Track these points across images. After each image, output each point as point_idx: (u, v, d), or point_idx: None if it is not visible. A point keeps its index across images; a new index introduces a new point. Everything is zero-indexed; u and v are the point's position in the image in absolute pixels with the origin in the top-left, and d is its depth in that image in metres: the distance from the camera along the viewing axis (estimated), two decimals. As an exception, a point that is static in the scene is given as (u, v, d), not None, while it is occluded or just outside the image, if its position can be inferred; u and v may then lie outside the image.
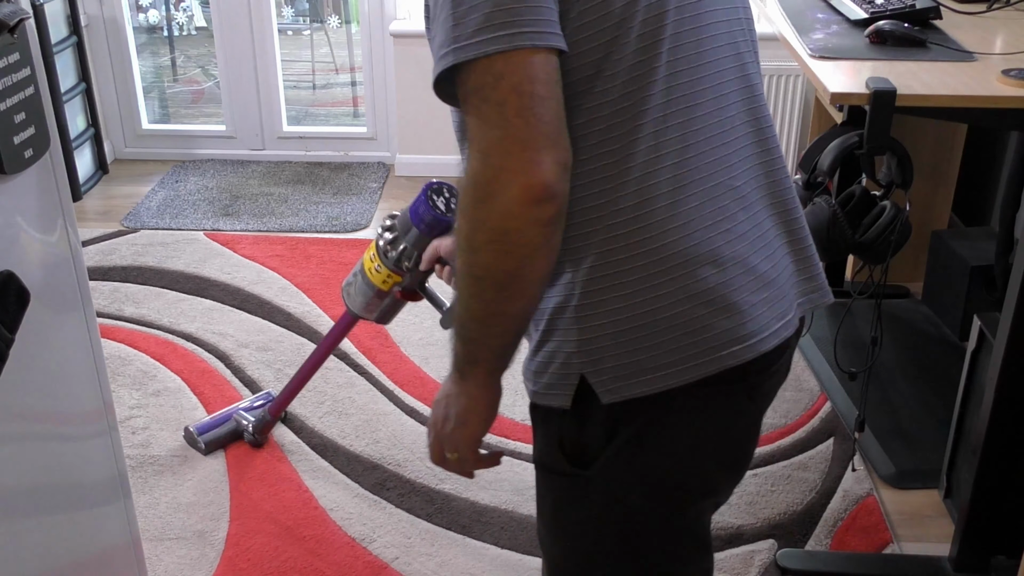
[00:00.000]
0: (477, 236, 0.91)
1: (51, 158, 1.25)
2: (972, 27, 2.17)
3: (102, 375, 1.41)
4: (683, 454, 1.05)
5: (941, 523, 2.11)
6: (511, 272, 0.92)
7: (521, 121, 0.86)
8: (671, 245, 0.97)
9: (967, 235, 2.80)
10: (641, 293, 0.98)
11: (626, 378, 0.99)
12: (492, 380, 1.03)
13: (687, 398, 1.00)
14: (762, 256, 1.03)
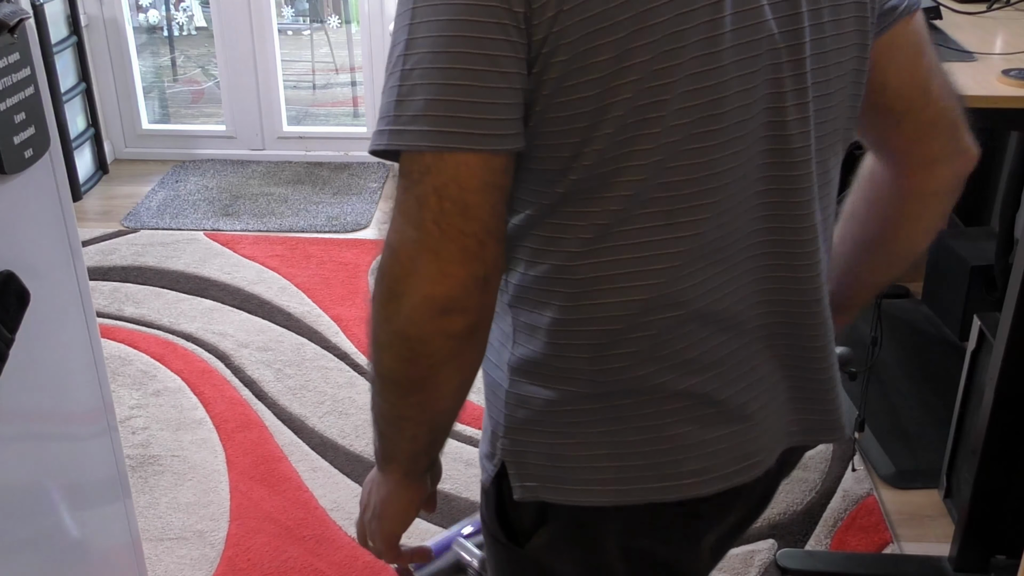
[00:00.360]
0: (381, 335, 0.84)
1: (51, 158, 1.25)
2: (972, 27, 2.17)
3: (102, 375, 1.41)
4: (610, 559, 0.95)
5: (941, 523, 2.11)
6: (415, 380, 0.84)
7: (437, 230, 0.77)
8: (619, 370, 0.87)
9: (967, 235, 2.80)
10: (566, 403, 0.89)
11: (540, 481, 0.91)
12: (409, 480, 0.96)
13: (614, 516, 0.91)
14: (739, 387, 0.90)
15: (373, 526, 1.00)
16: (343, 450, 2.33)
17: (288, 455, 2.31)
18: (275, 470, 2.26)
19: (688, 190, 0.81)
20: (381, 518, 0.99)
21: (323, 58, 5.07)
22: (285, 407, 2.48)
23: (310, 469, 2.27)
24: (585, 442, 0.89)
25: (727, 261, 0.85)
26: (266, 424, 2.42)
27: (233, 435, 2.38)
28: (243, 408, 2.48)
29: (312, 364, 2.67)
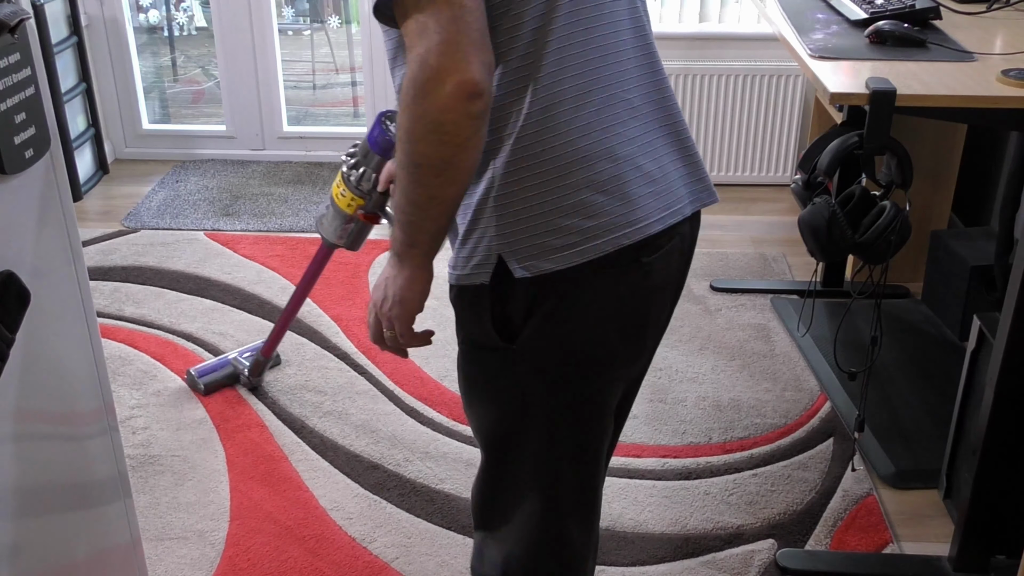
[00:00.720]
0: (417, 128, 1.04)
1: (51, 158, 1.25)
2: (972, 27, 2.17)
3: (102, 375, 1.41)
4: (590, 325, 1.20)
5: (941, 523, 2.11)
6: (447, 159, 1.06)
7: (454, 28, 1.00)
8: (572, 143, 1.14)
9: (967, 235, 2.80)
10: (548, 184, 1.14)
11: (536, 257, 1.15)
12: (427, 262, 1.18)
13: (590, 276, 1.17)
14: (650, 158, 1.21)
15: (395, 312, 1.21)
16: (343, 450, 2.33)
17: (288, 455, 2.31)
18: (275, 470, 2.26)
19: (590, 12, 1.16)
20: (402, 302, 1.20)
21: (323, 58, 5.06)
22: (285, 407, 2.48)
23: (310, 469, 2.27)
24: (564, 214, 1.14)
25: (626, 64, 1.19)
26: (266, 424, 2.42)
27: (233, 435, 2.38)
28: (243, 408, 2.48)
29: (312, 364, 2.67)
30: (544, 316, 1.18)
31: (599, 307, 1.20)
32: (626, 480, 2.23)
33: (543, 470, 1.30)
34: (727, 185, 3.83)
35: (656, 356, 2.67)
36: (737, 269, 3.18)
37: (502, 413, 1.28)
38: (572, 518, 1.34)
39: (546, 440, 1.28)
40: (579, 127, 1.15)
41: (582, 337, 1.21)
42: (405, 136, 1.06)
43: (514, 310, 1.19)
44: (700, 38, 3.68)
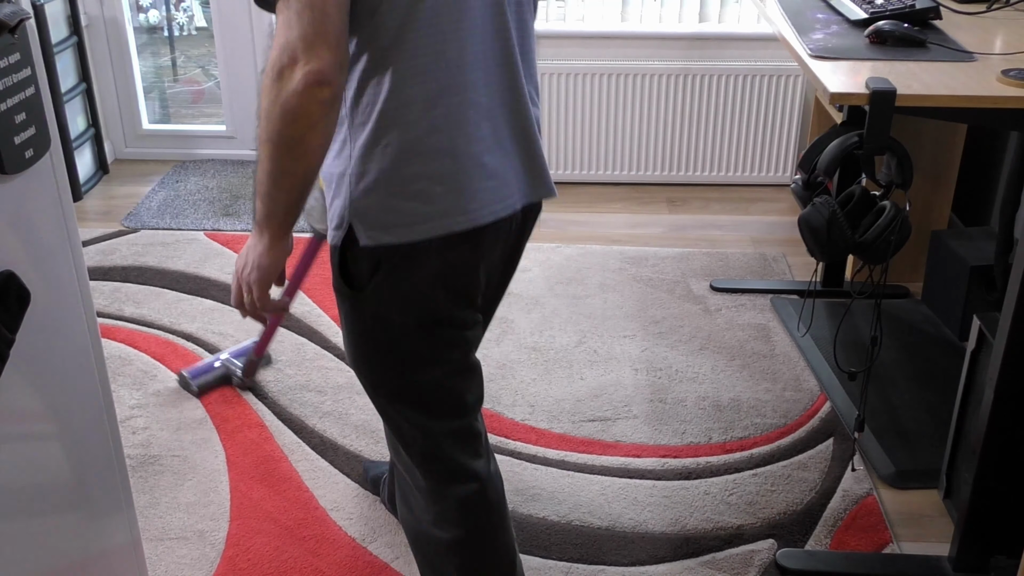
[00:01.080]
0: (273, 109, 1.19)
1: (51, 158, 1.25)
2: (972, 27, 2.17)
3: (102, 375, 1.41)
4: (422, 286, 1.40)
5: (941, 523, 2.11)
6: (296, 138, 1.21)
7: (311, 28, 1.16)
8: (419, 139, 1.31)
9: (967, 235, 2.80)
10: (394, 170, 1.32)
11: (378, 229, 1.34)
12: (282, 232, 1.32)
13: (423, 251, 1.36)
14: (496, 156, 1.37)
15: (253, 276, 1.35)
16: (343, 450, 2.33)
17: (288, 455, 2.31)
18: (275, 470, 2.26)
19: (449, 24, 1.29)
20: (259, 267, 1.34)
21: (323, 58, 5.06)
22: (285, 407, 2.48)
23: (310, 469, 2.27)
24: (405, 197, 1.33)
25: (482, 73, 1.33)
26: (266, 424, 2.42)
27: (233, 435, 2.38)
28: (243, 408, 2.48)
29: (312, 364, 2.67)
30: (384, 275, 1.38)
31: (430, 275, 1.40)
32: (626, 480, 2.23)
33: (397, 398, 1.51)
34: (727, 185, 3.83)
35: (656, 356, 2.68)
36: (737, 269, 3.18)
37: (359, 351, 1.49)
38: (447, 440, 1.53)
39: (396, 381, 1.49)
40: (425, 126, 1.31)
41: (416, 295, 1.41)
42: (263, 115, 1.21)
43: (361, 268, 1.39)
44: (700, 38, 3.68)
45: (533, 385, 2.58)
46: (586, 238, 3.42)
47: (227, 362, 2.57)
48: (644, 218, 3.58)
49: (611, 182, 3.85)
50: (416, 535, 1.62)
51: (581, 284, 3.09)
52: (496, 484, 1.59)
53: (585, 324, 2.87)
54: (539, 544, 2.04)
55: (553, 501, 2.17)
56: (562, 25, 3.75)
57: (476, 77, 1.33)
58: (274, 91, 1.18)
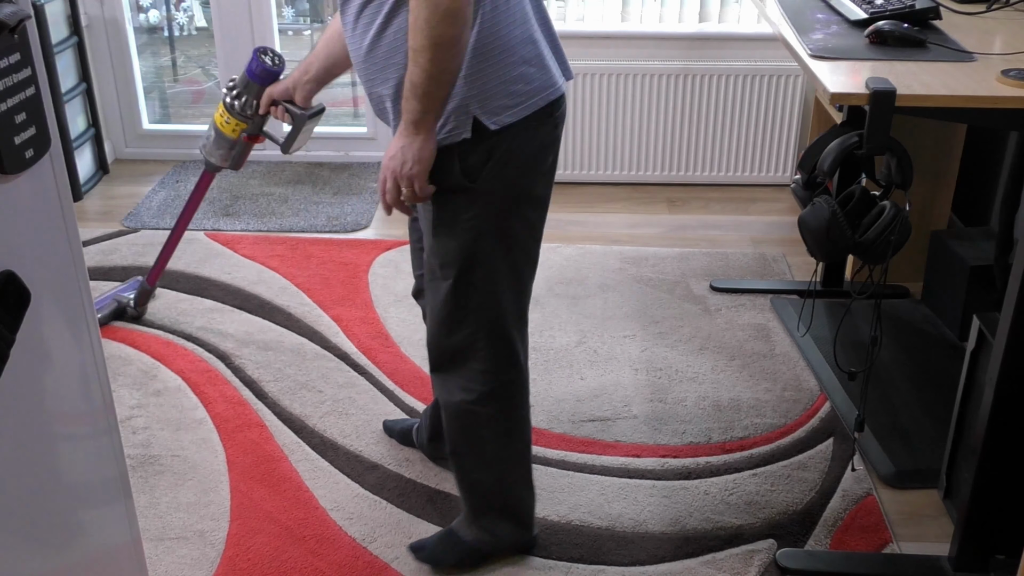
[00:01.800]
0: (434, 14, 1.45)
1: (52, 158, 1.25)
2: (972, 27, 2.18)
3: (102, 375, 1.41)
4: (525, 167, 1.69)
5: (941, 523, 2.11)
6: (455, 37, 1.48)
7: None
8: (511, 32, 1.61)
9: (966, 235, 2.80)
10: (501, 61, 1.60)
11: (499, 113, 1.62)
12: (435, 126, 1.58)
13: (525, 129, 1.65)
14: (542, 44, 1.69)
15: (415, 170, 1.59)
16: (343, 450, 2.33)
17: (288, 455, 2.31)
18: (275, 470, 2.26)
19: None
20: (420, 160, 1.59)
21: (323, 58, 5.06)
22: (285, 407, 2.48)
23: (310, 469, 2.27)
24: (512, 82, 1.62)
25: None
26: (266, 424, 2.42)
27: (233, 435, 2.38)
28: (243, 408, 2.48)
29: (312, 364, 2.67)
30: (495, 163, 1.64)
31: (531, 153, 1.69)
32: (626, 480, 2.23)
33: (489, 290, 1.75)
34: (727, 185, 3.83)
35: (656, 356, 2.68)
36: (737, 269, 3.18)
37: (461, 242, 1.70)
38: (514, 327, 1.81)
39: (493, 262, 1.73)
40: (511, 20, 1.61)
41: (520, 179, 1.70)
42: (424, 24, 1.46)
43: (476, 159, 1.64)
44: (700, 38, 3.68)
45: (533, 385, 2.57)
46: (586, 238, 3.42)
47: (116, 296, 2.77)
48: (644, 218, 3.58)
49: (611, 182, 3.85)
50: (457, 411, 1.88)
51: (581, 284, 3.09)
52: (527, 371, 1.91)
53: (585, 324, 2.87)
54: (539, 544, 2.04)
55: (553, 501, 2.17)
56: (562, 25, 3.75)
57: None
58: (434, 0, 1.44)
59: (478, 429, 1.89)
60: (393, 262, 3.20)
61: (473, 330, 1.79)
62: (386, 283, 3.08)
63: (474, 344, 1.80)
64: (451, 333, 1.81)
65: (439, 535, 2.04)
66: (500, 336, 1.80)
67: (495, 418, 1.87)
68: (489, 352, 1.81)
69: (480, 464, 1.94)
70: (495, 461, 1.93)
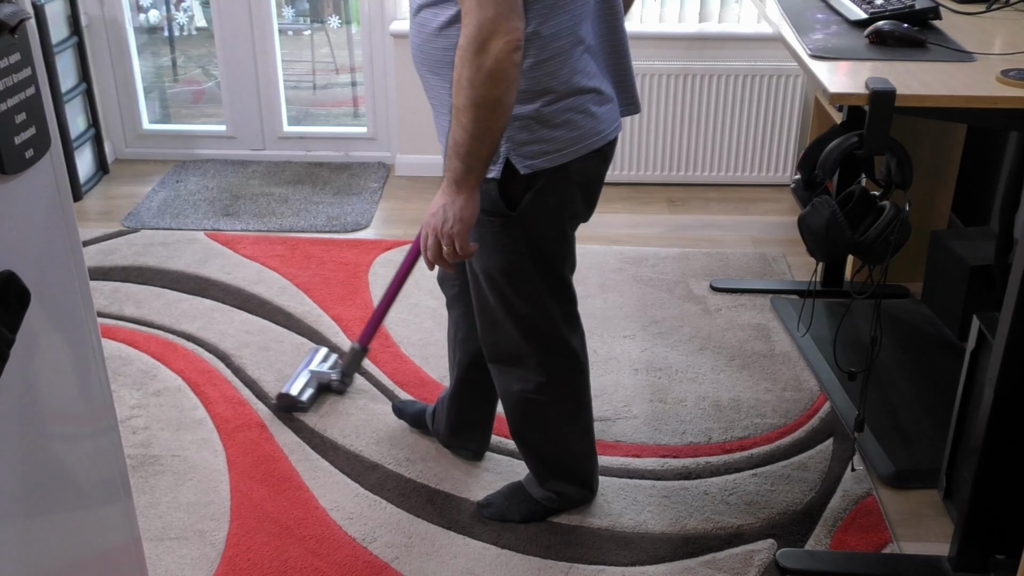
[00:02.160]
0: (477, 76, 1.45)
1: (52, 158, 1.25)
2: (971, 27, 2.18)
3: (102, 375, 1.41)
4: (566, 198, 1.75)
5: (941, 523, 2.11)
6: (499, 98, 1.47)
7: (505, 5, 1.43)
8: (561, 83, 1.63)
9: (966, 235, 2.80)
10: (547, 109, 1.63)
11: (534, 158, 1.66)
12: (478, 185, 1.60)
13: (571, 166, 1.70)
14: (604, 86, 1.72)
15: (456, 228, 1.61)
16: (343, 450, 2.33)
17: (288, 455, 2.31)
18: (275, 470, 2.26)
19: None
20: (462, 220, 1.61)
21: (323, 58, 5.06)
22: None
23: (310, 469, 2.27)
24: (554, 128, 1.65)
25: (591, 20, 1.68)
26: (266, 424, 2.42)
27: (233, 435, 2.38)
28: (243, 408, 2.48)
29: (312, 364, 2.67)
30: (536, 192, 1.70)
31: (573, 188, 1.74)
32: (626, 480, 2.23)
33: (535, 295, 1.82)
34: (727, 185, 3.83)
35: (656, 356, 2.68)
36: (737, 269, 3.18)
37: (503, 261, 1.77)
38: (563, 324, 1.89)
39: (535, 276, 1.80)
40: (565, 72, 1.63)
41: (561, 205, 1.75)
42: (467, 83, 1.46)
43: (515, 190, 1.69)
44: (700, 38, 3.68)
45: (533, 385, 2.58)
46: (586, 238, 3.42)
47: (317, 374, 2.52)
48: (644, 218, 3.58)
49: (611, 182, 3.85)
50: (518, 401, 1.96)
51: (581, 284, 3.09)
52: (585, 353, 1.98)
53: (585, 324, 2.85)
54: (539, 544, 2.05)
55: (553, 501, 2.17)
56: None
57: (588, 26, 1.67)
58: (477, 61, 1.44)
59: (539, 415, 1.98)
60: (393, 262, 3.20)
61: (524, 334, 1.87)
62: (386, 283, 3.08)
63: (526, 345, 1.88)
64: (502, 337, 1.89)
65: (507, 491, 2.14)
66: (550, 335, 1.89)
67: (555, 403, 1.96)
68: (541, 349, 1.89)
69: (544, 441, 2.03)
70: (558, 438, 2.02)
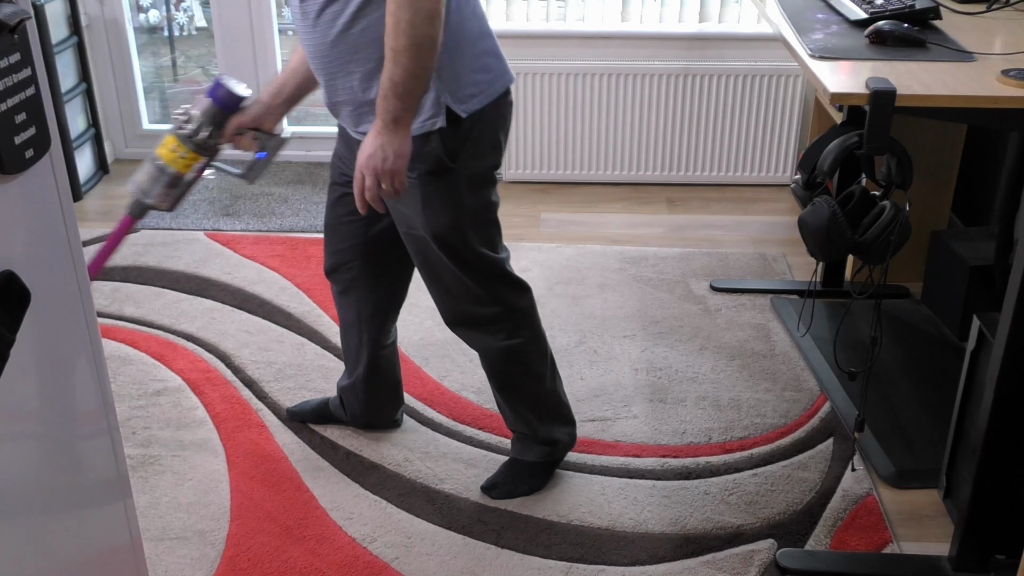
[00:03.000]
0: (417, 16, 1.58)
1: (52, 158, 1.25)
2: (972, 27, 2.18)
3: (102, 375, 1.41)
4: (494, 140, 1.88)
5: (941, 523, 2.11)
6: (434, 37, 1.61)
7: None
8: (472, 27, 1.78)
9: (967, 235, 2.80)
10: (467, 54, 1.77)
11: (466, 101, 1.78)
12: (411, 123, 1.69)
13: (491, 110, 1.83)
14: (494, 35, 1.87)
15: (397, 164, 1.70)
16: (343, 450, 2.33)
17: (288, 455, 2.31)
18: (275, 470, 2.26)
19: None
20: (401, 155, 1.70)
21: (323, 58, 5.06)
22: (285, 407, 2.48)
23: (310, 469, 2.27)
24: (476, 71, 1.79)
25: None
26: (266, 424, 2.42)
27: (233, 435, 2.38)
28: (243, 408, 2.48)
29: (312, 364, 2.67)
30: (472, 141, 1.82)
31: (494, 130, 1.87)
32: (626, 480, 2.23)
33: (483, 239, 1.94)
34: (727, 185, 3.83)
35: (656, 356, 2.68)
36: (737, 269, 3.18)
37: (453, 217, 1.87)
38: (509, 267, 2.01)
39: (480, 227, 1.92)
40: (472, 15, 1.78)
41: (491, 152, 1.89)
42: (407, 25, 1.58)
43: (455, 142, 1.80)
44: (700, 38, 3.68)
45: (533, 385, 2.58)
46: (586, 238, 3.42)
47: None
48: (644, 218, 3.58)
49: (611, 182, 3.85)
50: (498, 352, 2.08)
51: (581, 284, 3.09)
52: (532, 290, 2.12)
53: (585, 324, 2.87)
54: (539, 544, 2.05)
55: (553, 501, 2.17)
56: (562, 25, 3.75)
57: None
58: (416, 3, 1.56)
59: (521, 357, 2.09)
60: (393, 262, 3.20)
61: (482, 286, 1.97)
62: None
63: (486, 297, 1.99)
64: (461, 296, 1.99)
65: (504, 469, 2.23)
66: (503, 279, 2.01)
67: (530, 342, 2.09)
68: (501, 296, 2.01)
69: (533, 382, 2.14)
70: (541, 378, 2.14)
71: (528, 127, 3.79)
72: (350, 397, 2.33)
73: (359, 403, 2.32)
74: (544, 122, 3.78)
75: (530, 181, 3.87)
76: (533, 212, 3.63)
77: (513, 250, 2.08)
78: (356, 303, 2.16)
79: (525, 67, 3.68)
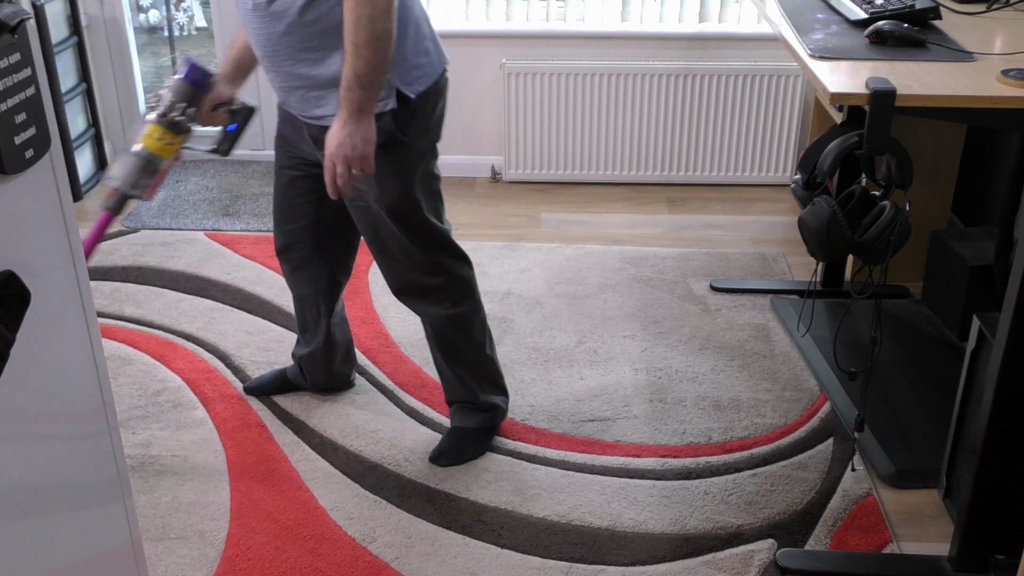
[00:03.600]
0: (376, 11, 1.69)
1: (52, 158, 1.25)
2: (972, 27, 2.18)
3: (102, 375, 1.41)
4: (437, 115, 2.01)
5: (941, 523, 2.11)
6: (390, 30, 1.74)
7: None
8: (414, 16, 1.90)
9: (966, 235, 2.80)
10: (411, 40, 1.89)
11: (413, 83, 1.91)
12: (374, 109, 1.82)
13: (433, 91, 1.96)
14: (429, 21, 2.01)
15: (368, 149, 1.82)
16: (343, 450, 2.33)
17: (288, 455, 2.31)
18: (275, 470, 2.26)
19: None
20: (370, 141, 1.82)
21: (323, 58, 5.06)
22: (285, 407, 2.48)
23: (310, 469, 2.27)
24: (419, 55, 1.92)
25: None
26: (266, 424, 2.42)
27: (233, 435, 2.38)
28: (243, 408, 2.48)
29: (312, 364, 2.67)
30: (419, 117, 1.94)
31: (435, 109, 1.99)
32: (626, 480, 2.23)
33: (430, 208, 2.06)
34: (727, 185, 3.83)
35: (656, 356, 2.68)
36: (737, 269, 3.18)
37: (404, 188, 1.99)
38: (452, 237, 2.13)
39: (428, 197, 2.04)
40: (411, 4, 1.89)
41: (436, 128, 2.02)
42: (368, 21, 1.69)
43: (404, 119, 1.92)
44: (700, 38, 3.68)
45: (533, 385, 2.58)
46: (586, 238, 3.42)
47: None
48: (644, 218, 3.58)
49: (611, 182, 3.85)
50: (444, 320, 2.20)
51: (581, 284, 3.09)
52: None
53: (585, 324, 2.87)
54: (539, 544, 2.05)
55: (553, 501, 2.17)
56: (562, 25, 3.75)
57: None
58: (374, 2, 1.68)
59: (463, 325, 2.22)
60: (393, 262, 3.20)
61: (428, 256, 2.09)
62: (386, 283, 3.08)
63: (431, 266, 2.11)
64: (409, 266, 2.10)
65: (448, 437, 2.32)
66: (448, 247, 2.13)
67: (471, 311, 2.22)
68: (445, 266, 2.13)
69: (474, 349, 2.26)
70: (482, 343, 2.27)
71: (528, 127, 3.79)
72: (310, 366, 2.45)
73: (320, 371, 2.45)
74: (544, 122, 3.78)
75: (530, 181, 3.87)
76: (533, 212, 3.63)
77: (513, 250, 2.09)
78: (312, 278, 2.29)
79: (525, 67, 3.68)
